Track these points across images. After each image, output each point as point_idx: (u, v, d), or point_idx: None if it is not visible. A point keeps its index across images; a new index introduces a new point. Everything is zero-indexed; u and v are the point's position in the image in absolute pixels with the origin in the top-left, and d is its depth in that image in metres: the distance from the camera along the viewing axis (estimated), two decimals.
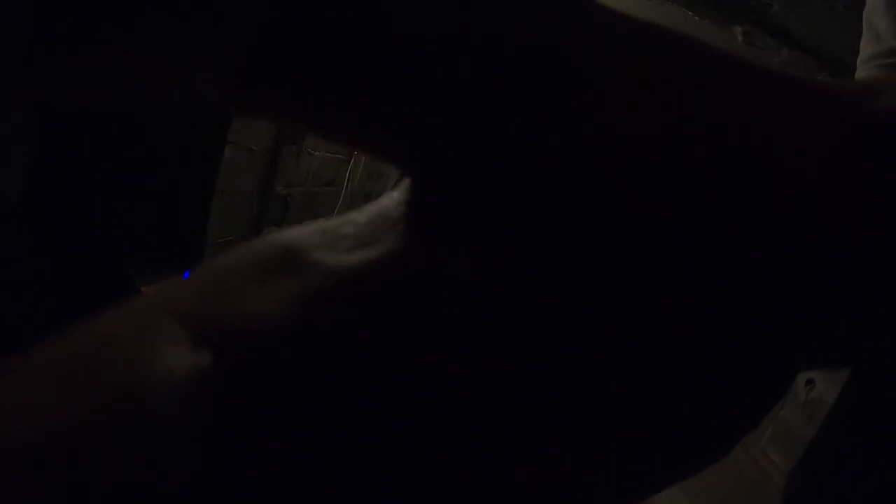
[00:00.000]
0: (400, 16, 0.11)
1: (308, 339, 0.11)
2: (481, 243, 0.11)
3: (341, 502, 0.11)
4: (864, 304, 0.13)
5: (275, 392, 0.10)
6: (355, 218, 0.12)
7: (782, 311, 0.13)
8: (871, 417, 0.14)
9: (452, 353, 0.11)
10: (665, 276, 0.12)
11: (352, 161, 3.32)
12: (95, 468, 0.09)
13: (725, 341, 0.12)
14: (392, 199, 0.12)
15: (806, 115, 0.13)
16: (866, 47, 0.37)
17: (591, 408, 0.12)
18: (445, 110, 0.11)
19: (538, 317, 0.11)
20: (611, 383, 0.12)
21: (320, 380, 0.11)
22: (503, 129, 0.11)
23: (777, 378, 0.13)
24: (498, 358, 0.11)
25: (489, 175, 0.11)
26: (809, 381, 2.84)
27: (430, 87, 0.11)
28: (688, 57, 0.12)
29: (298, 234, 0.12)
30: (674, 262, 0.12)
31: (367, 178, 3.61)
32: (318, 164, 3.14)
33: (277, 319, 0.11)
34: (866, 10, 0.37)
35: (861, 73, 0.35)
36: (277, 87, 0.11)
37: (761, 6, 2.50)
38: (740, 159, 0.12)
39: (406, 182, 0.12)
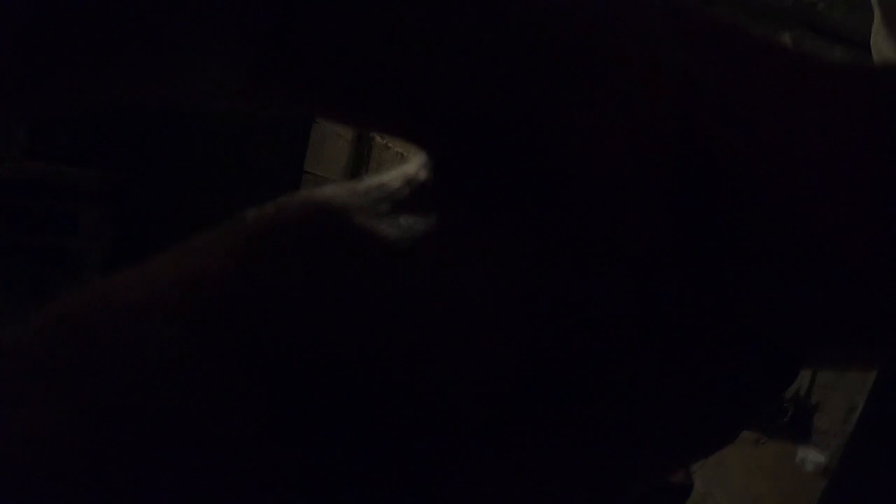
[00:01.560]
0: (413, 14, 0.11)
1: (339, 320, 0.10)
2: (501, 231, 0.11)
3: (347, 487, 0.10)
4: (876, 300, 0.13)
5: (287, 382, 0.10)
6: (389, 182, 0.12)
7: (794, 307, 0.13)
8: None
9: (473, 339, 0.11)
10: (679, 274, 0.12)
11: None
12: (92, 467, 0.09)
13: (739, 334, 0.12)
14: (418, 165, 0.12)
15: (820, 96, 0.13)
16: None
17: (607, 398, 0.12)
18: (461, 108, 0.11)
19: (556, 308, 0.11)
20: (624, 374, 0.12)
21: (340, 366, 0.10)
22: (517, 123, 0.11)
23: (786, 369, 0.13)
24: (516, 349, 0.11)
25: (506, 166, 0.12)
26: None
27: (444, 84, 0.11)
28: (700, 40, 0.12)
29: (337, 193, 0.12)
30: (689, 258, 0.12)
31: None
32: None
33: (307, 303, 0.10)
34: (873, 36, 0.37)
35: None
36: (288, 84, 0.11)
37: (806, 7, 2.48)
38: (753, 147, 0.12)
39: (427, 157, 0.12)
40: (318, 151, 2.67)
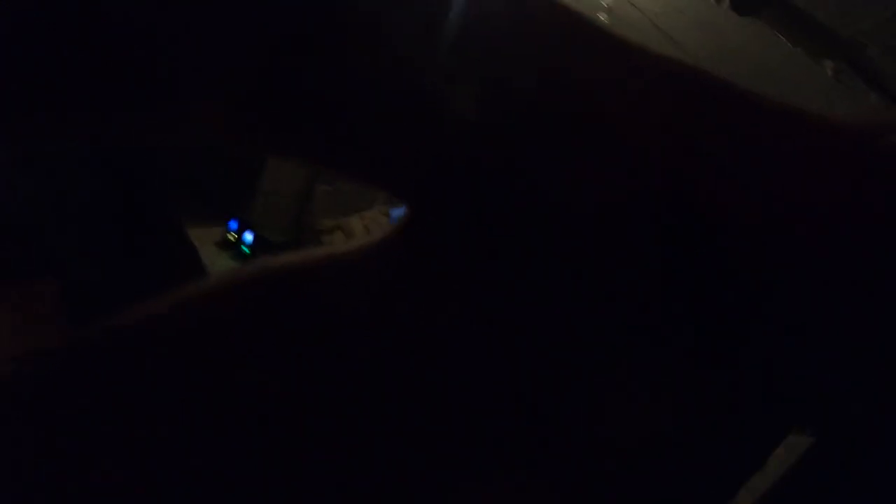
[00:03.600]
0: (399, 74, 0.12)
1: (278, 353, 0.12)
2: (478, 281, 0.13)
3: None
4: (860, 358, 0.14)
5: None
6: (351, 248, 0.14)
7: (782, 371, 0.14)
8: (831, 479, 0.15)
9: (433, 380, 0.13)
10: (668, 312, 0.13)
11: None
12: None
13: (732, 381, 0.13)
14: (392, 227, 0.14)
15: (813, 154, 0.14)
16: None
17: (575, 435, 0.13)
18: (450, 165, 0.12)
19: (525, 357, 0.13)
20: (600, 414, 0.13)
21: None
22: (505, 167, 0.12)
23: (775, 424, 0.15)
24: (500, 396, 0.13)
25: (492, 214, 0.13)
26: None
27: (436, 144, 0.12)
28: (699, 94, 0.13)
29: (291, 261, 0.14)
30: (677, 295, 0.13)
31: None
32: None
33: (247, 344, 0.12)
34: None
35: None
36: (275, 133, 0.12)
37: (856, 44, 2.41)
38: (747, 196, 0.13)
39: (405, 215, 0.13)
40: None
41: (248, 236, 2.09)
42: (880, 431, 0.14)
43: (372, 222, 2.36)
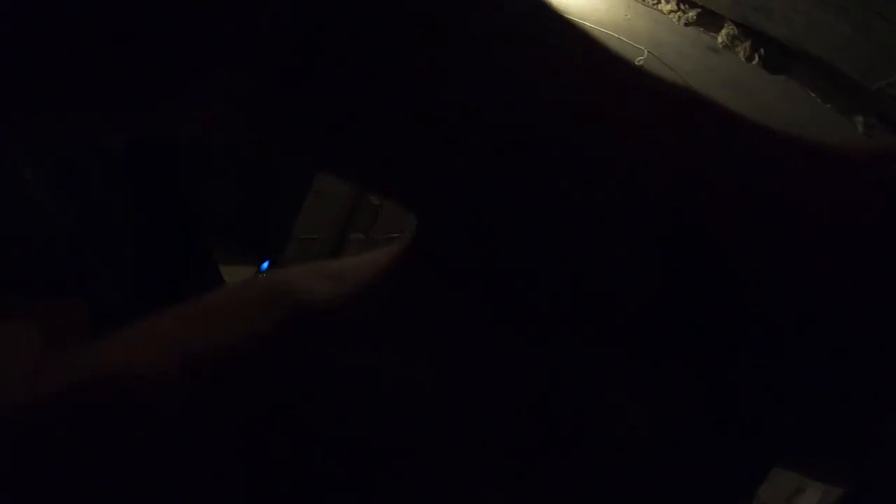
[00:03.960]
0: (409, 90, 0.11)
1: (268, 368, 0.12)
2: (484, 306, 0.12)
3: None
4: (860, 377, 0.13)
5: (233, 406, 0.12)
6: (359, 265, 0.13)
7: (781, 372, 0.13)
8: None
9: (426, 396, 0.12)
10: (668, 312, 0.12)
11: None
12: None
13: (732, 382, 0.13)
14: (395, 250, 0.13)
15: (813, 155, 0.13)
16: None
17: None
18: (450, 166, 0.12)
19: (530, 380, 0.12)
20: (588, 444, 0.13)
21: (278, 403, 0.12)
22: (505, 168, 0.12)
23: (769, 441, 0.14)
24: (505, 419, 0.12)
25: (494, 235, 0.12)
26: None
27: (436, 146, 0.12)
28: (699, 98, 0.13)
29: (293, 275, 0.14)
30: (677, 296, 0.13)
31: None
32: None
33: (245, 352, 0.12)
34: None
35: None
36: (275, 134, 0.12)
37: (888, 98, 2.37)
38: (747, 197, 0.13)
39: (410, 236, 0.13)
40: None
41: None
42: (880, 432, 0.14)
43: None
